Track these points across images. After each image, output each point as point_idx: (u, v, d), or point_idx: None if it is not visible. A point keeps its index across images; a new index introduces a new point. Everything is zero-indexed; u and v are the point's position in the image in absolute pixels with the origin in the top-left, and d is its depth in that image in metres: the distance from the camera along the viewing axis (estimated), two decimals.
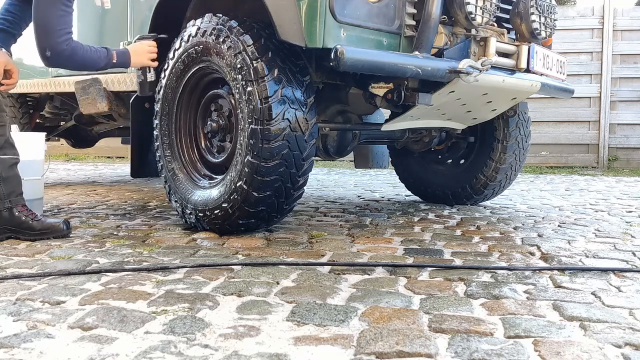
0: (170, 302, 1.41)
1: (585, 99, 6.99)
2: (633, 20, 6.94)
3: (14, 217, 2.20)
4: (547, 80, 2.68)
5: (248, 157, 2.13)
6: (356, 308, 1.38)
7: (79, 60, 2.31)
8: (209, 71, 2.40)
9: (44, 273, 1.66)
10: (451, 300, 1.45)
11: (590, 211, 3.25)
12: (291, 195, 2.25)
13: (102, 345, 1.14)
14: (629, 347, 1.14)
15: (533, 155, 7.02)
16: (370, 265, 1.80)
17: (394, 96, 2.33)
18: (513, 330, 1.24)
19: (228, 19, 2.22)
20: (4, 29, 2.47)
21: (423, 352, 1.11)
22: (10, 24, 2.48)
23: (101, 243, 2.15)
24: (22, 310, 1.34)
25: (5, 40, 2.46)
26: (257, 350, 1.12)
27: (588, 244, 2.23)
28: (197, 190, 2.40)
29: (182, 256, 1.94)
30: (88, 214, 2.89)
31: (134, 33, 2.91)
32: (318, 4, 1.97)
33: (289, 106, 2.11)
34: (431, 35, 2.19)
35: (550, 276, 1.71)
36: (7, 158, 2.21)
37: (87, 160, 8.21)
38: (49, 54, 2.23)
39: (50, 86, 3.57)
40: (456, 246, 2.16)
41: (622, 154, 7.01)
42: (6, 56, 2.29)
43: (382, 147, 3.43)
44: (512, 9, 2.52)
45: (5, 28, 2.47)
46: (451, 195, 3.36)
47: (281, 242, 2.19)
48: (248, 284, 1.58)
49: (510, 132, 3.12)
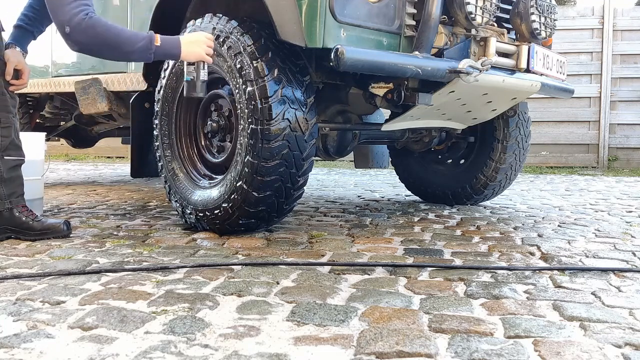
0: (170, 302, 1.41)
1: (585, 99, 6.99)
2: (633, 20, 6.94)
3: (15, 217, 2.19)
4: (547, 80, 2.68)
5: (248, 157, 2.13)
6: (356, 308, 1.38)
7: (106, 36, 1.96)
8: (209, 71, 2.39)
9: (44, 273, 1.66)
10: (451, 300, 1.45)
11: (590, 211, 3.25)
12: (291, 195, 2.25)
13: (102, 345, 1.14)
14: (629, 347, 1.14)
15: (533, 155, 7.02)
16: (370, 265, 1.80)
17: (394, 96, 2.33)
18: (513, 330, 1.24)
19: (228, 19, 2.22)
20: (22, 25, 2.40)
21: (423, 352, 1.11)
22: (30, 20, 2.39)
23: (101, 243, 2.15)
24: (22, 310, 1.34)
25: (21, 37, 2.39)
26: (257, 350, 1.12)
27: (588, 244, 2.23)
28: (197, 190, 2.40)
29: (182, 256, 1.94)
30: (88, 214, 2.89)
31: None
32: (318, 4, 1.97)
33: (289, 106, 2.11)
34: (431, 35, 2.19)
35: (550, 276, 1.71)
36: (10, 159, 2.20)
37: (87, 160, 8.21)
38: (68, 29, 1.94)
39: (50, 86, 3.57)
40: (456, 246, 2.16)
41: (622, 154, 7.01)
42: (19, 55, 2.24)
43: (382, 147, 3.43)
44: (512, 9, 2.52)
45: (24, 25, 2.40)
46: (451, 195, 3.36)
47: (281, 242, 2.19)
48: (248, 284, 1.58)
49: (510, 132, 3.13)
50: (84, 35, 1.96)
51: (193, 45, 2.09)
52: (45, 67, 3.60)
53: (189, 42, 2.09)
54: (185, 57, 2.09)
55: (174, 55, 2.08)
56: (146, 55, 2.04)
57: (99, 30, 1.96)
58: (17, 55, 2.23)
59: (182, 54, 2.07)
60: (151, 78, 2.79)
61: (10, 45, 2.30)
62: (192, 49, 2.09)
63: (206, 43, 2.12)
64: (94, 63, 3.21)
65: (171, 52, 2.07)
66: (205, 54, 2.11)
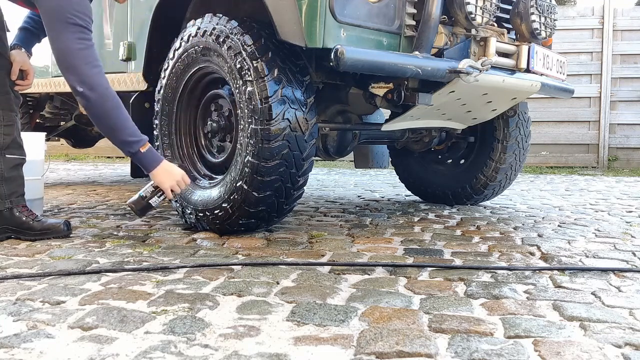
0: (170, 302, 1.41)
1: (585, 99, 6.99)
2: (633, 20, 6.94)
3: (15, 217, 2.19)
4: (547, 80, 2.68)
5: (248, 157, 2.13)
6: (356, 308, 1.38)
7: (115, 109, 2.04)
8: (209, 71, 2.40)
9: (44, 273, 1.66)
10: (451, 300, 1.45)
11: (590, 211, 3.25)
12: (291, 195, 2.25)
13: (102, 345, 1.14)
14: (629, 347, 1.14)
15: (533, 155, 7.02)
16: (370, 265, 1.80)
17: (394, 96, 2.33)
18: (513, 330, 1.24)
19: (228, 19, 2.22)
20: (28, 27, 2.41)
21: (423, 352, 1.11)
22: (35, 23, 2.40)
23: (101, 243, 2.15)
24: (22, 310, 1.34)
25: (26, 39, 2.40)
26: (257, 350, 1.12)
27: (588, 244, 2.23)
28: (197, 190, 2.40)
29: (182, 256, 1.94)
30: (88, 214, 2.89)
31: (134, 33, 2.91)
32: (318, 4, 1.97)
33: (289, 106, 2.11)
34: (431, 35, 2.19)
35: (550, 276, 1.70)
36: (11, 158, 2.20)
37: (87, 160, 8.21)
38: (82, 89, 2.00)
39: (50, 86, 3.57)
40: (456, 246, 2.16)
41: (622, 154, 7.01)
42: (24, 56, 2.26)
43: (382, 147, 3.43)
44: (512, 9, 2.52)
45: (29, 27, 2.41)
46: (451, 195, 3.36)
47: (281, 242, 2.19)
48: (248, 284, 1.58)
49: (510, 132, 3.13)
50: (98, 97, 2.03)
51: (168, 173, 2.17)
52: (45, 67, 3.60)
53: (166, 169, 2.17)
54: (154, 175, 2.16)
55: (148, 168, 2.15)
56: (126, 150, 2.12)
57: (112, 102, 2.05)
58: (22, 56, 2.26)
59: (154, 171, 2.15)
60: (151, 78, 2.79)
61: (16, 46, 2.32)
62: (165, 176, 2.16)
63: (179, 182, 2.19)
64: None
65: (148, 164, 2.14)
66: (170, 188, 2.18)
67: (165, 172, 2.16)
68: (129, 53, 2.93)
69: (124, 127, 2.08)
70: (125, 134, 2.09)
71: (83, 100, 2.04)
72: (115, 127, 2.08)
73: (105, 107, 2.04)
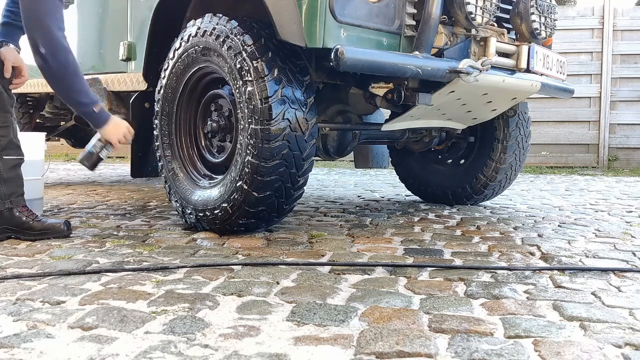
0: (170, 302, 1.41)
1: (585, 99, 6.99)
2: (633, 20, 6.94)
3: (15, 217, 2.19)
4: (547, 80, 2.69)
5: (248, 157, 2.13)
6: (356, 308, 1.38)
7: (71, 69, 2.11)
8: (209, 71, 2.40)
9: (44, 273, 1.66)
10: (451, 300, 1.45)
11: (590, 211, 3.25)
12: (291, 195, 2.25)
13: (102, 345, 1.14)
14: (629, 347, 1.14)
15: (533, 155, 7.02)
16: (370, 265, 1.80)
17: (394, 96, 2.33)
18: (513, 330, 1.24)
19: (228, 19, 2.22)
20: (9, 22, 2.35)
21: (423, 352, 1.11)
22: (15, 15, 2.32)
23: (101, 243, 2.15)
24: (22, 310, 1.34)
25: (11, 34, 2.34)
26: (257, 350, 1.12)
27: (588, 244, 2.23)
28: (197, 190, 2.40)
29: (182, 256, 1.94)
30: (88, 214, 2.89)
31: (134, 33, 2.91)
32: (318, 4, 1.97)
33: (289, 106, 2.11)
34: (431, 35, 2.19)
35: (550, 276, 1.71)
36: (9, 159, 2.19)
37: None
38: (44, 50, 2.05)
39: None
40: (456, 246, 2.16)
41: (622, 154, 7.01)
42: (14, 53, 2.23)
43: (382, 147, 3.43)
44: (512, 9, 2.52)
45: (11, 21, 2.35)
46: (451, 195, 3.36)
47: (281, 242, 2.19)
48: (248, 284, 1.58)
49: (510, 132, 3.13)
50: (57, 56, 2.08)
51: (117, 127, 2.31)
52: None
53: (114, 123, 2.30)
54: (105, 131, 2.28)
55: (99, 125, 2.27)
56: (80, 110, 2.25)
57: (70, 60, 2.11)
58: (12, 53, 2.22)
59: (105, 127, 2.27)
60: (151, 78, 2.79)
61: (3, 43, 2.26)
62: (115, 130, 2.30)
63: (125, 134, 2.33)
64: (94, 63, 3.21)
65: (100, 122, 2.26)
66: (117, 139, 2.32)
67: (115, 127, 2.29)
68: (129, 53, 2.94)
69: (80, 89, 2.18)
70: (82, 95, 2.19)
71: (41, 61, 2.09)
72: (72, 89, 2.18)
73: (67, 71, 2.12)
